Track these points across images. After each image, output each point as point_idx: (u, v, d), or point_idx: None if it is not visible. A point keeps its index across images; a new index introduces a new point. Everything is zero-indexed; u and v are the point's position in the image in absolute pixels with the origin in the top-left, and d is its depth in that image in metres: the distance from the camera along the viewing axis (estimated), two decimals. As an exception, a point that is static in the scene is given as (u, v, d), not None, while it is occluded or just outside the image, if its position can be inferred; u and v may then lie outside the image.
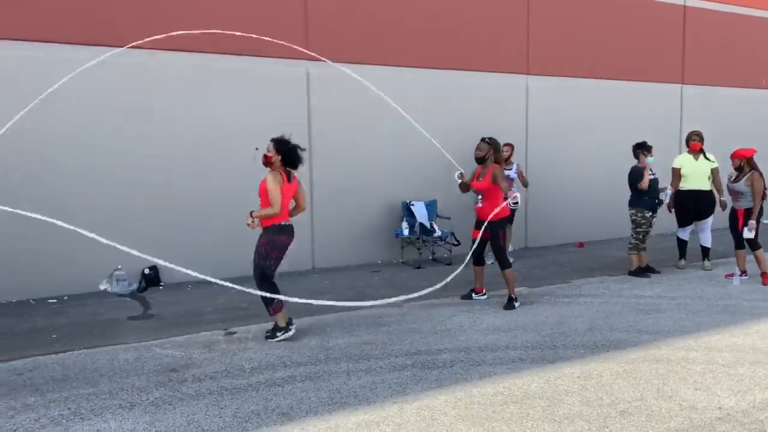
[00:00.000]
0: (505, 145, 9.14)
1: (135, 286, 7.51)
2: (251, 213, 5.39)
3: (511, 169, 9.04)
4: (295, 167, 5.55)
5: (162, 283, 7.77)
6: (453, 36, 9.59)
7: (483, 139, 6.71)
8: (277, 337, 5.54)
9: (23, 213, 4.35)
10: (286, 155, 5.47)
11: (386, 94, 9.16)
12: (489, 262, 7.40)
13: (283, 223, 5.51)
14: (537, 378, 4.60)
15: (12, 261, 7.00)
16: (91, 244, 7.37)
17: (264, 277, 5.47)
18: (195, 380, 4.60)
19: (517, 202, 6.77)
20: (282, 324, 5.57)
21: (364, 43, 8.91)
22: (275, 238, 5.47)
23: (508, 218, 6.65)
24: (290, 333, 5.58)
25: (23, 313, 6.59)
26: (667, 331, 5.73)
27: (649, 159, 8.03)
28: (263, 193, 5.46)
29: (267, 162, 5.47)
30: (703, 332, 5.71)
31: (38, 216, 4.29)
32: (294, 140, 5.55)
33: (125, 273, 7.47)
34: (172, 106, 7.76)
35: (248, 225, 5.39)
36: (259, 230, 5.52)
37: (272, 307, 5.52)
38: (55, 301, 7.06)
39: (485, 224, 6.41)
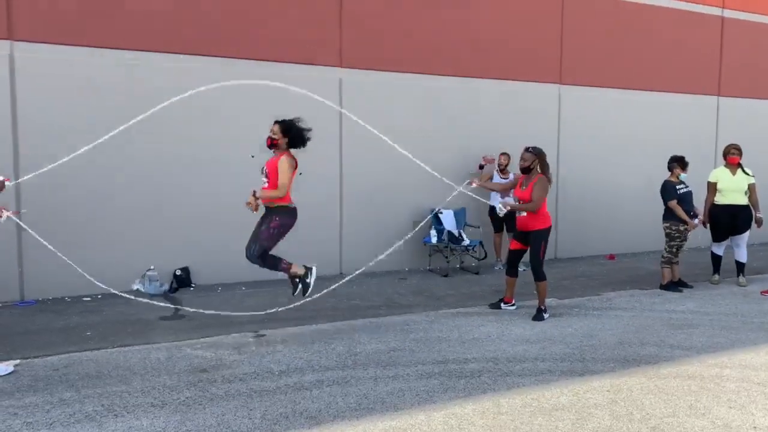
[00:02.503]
0: (501, 154, 9.14)
1: (166, 286, 7.63)
2: (254, 193, 5.37)
3: (507, 179, 9.08)
4: (304, 145, 5.56)
5: (193, 284, 7.88)
6: (485, 45, 9.59)
7: (527, 149, 6.63)
8: (307, 282, 5.59)
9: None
10: (294, 136, 5.48)
11: (417, 101, 9.24)
12: (522, 269, 7.33)
13: (293, 205, 5.54)
14: (566, 390, 4.56)
15: (49, 259, 7.17)
16: (125, 244, 7.57)
17: (264, 252, 5.47)
18: (225, 381, 4.66)
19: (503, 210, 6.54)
20: (302, 272, 5.61)
21: (400, 53, 8.96)
22: (288, 222, 5.51)
23: (549, 229, 6.58)
24: (314, 269, 5.66)
25: (59, 310, 6.76)
26: (699, 347, 5.62)
27: (682, 175, 7.94)
28: (273, 171, 5.42)
29: (272, 144, 5.49)
30: (737, 349, 5.59)
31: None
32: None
33: (157, 273, 7.61)
34: (204, 111, 7.89)
35: (248, 204, 5.36)
36: (253, 209, 5.51)
37: (284, 264, 5.55)
38: (89, 299, 7.22)
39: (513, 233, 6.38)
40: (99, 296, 7.32)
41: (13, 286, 7.07)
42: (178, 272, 7.77)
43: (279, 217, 5.47)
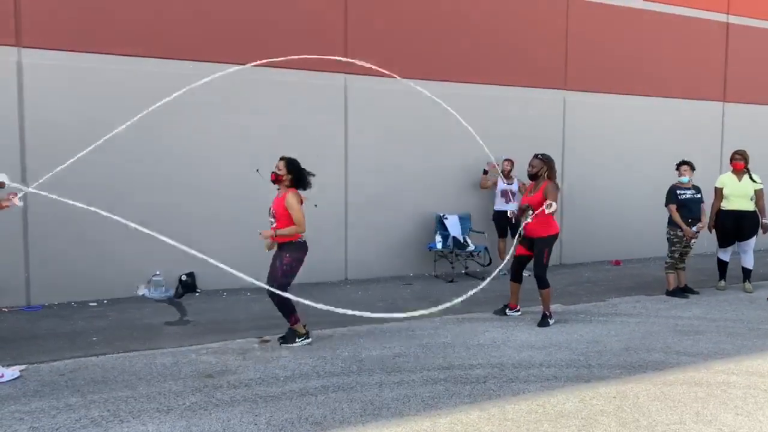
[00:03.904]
0: (505, 160, 9.16)
1: (172, 291, 7.65)
2: (275, 233, 5.48)
3: (512, 184, 9.10)
4: (304, 188, 5.65)
5: (198, 290, 7.90)
6: (490, 51, 9.61)
7: (536, 156, 6.62)
8: (296, 342, 5.64)
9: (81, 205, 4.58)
10: (297, 176, 5.58)
11: (424, 107, 9.25)
12: (526, 275, 7.33)
13: (303, 239, 5.64)
14: (572, 397, 4.54)
15: (55, 264, 7.21)
16: (131, 249, 7.59)
17: (283, 291, 5.56)
18: (230, 387, 4.66)
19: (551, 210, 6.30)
20: (302, 331, 5.70)
21: (404, 58, 8.97)
22: (300, 256, 5.62)
23: (556, 236, 6.56)
24: (309, 340, 5.71)
25: (65, 315, 6.78)
26: (706, 354, 5.60)
27: (683, 179, 7.90)
28: (281, 209, 5.52)
29: (277, 180, 5.57)
30: (743, 356, 5.56)
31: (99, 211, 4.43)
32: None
33: (163, 279, 7.63)
34: (211, 117, 7.93)
35: (264, 237, 5.53)
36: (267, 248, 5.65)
37: (293, 316, 5.64)
38: (95, 304, 7.24)
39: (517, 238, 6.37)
40: (105, 301, 7.34)
41: (19, 290, 7.10)
42: (184, 277, 7.79)
43: (289, 253, 5.57)
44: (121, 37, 7.39)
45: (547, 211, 6.23)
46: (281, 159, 5.64)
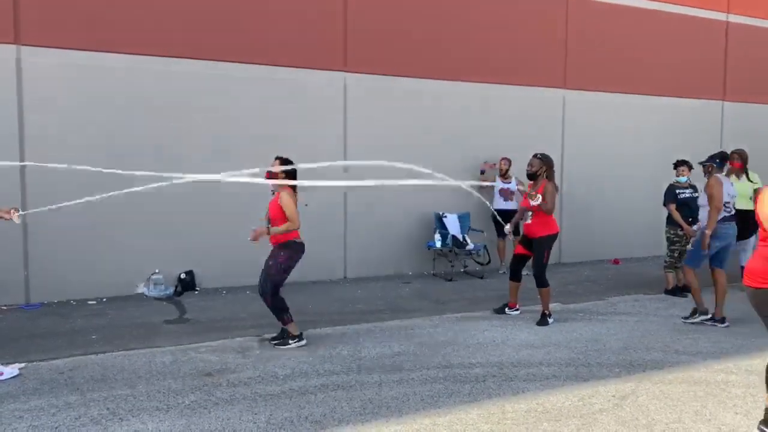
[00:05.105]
0: (502, 159, 9.16)
1: (171, 290, 7.65)
2: (268, 230, 5.47)
3: (510, 183, 9.10)
4: (294, 189, 5.63)
5: (198, 288, 7.90)
6: (490, 50, 9.61)
7: (535, 155, 6.62)
8: (289, 344, 5.61)
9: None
10: (290, 174, 5.56)
11: (422, 106, 9.26)
12: (525, 273, 7.32)
13: (300, 240, 5.64)
14: (571, 396, 4.55)
15: (54, 263, 7.20)
16: (130, 248, 7.59)
17: (276, 290, 5.56)
18: (229, 385, 4.66)
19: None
20: (295, 333, 5.66)
21: (404, 57, 8.97)
22: (297, 256, 5.62)
23: (555, 236, 6.57)
24: (303, 342, 5.66)
25: (64, 313, 6.77)
26: (705, 353, 5.61)
27: (681, 178, 7.90)
28: (275, 209, 5.53)
29: (271, 177, 5.55)
30: (743, 355, 5.57)
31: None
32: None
33: (162, 277, 7.63)
34: (210, 115, 7.92)
35: (256, 236, 5.44)
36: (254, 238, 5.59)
37: (287, 316, 5.62)
38: (94, 302, 7.24)
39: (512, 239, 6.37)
40: (104, 299, 7.34)
41: (18, 289, 7.09)
42: (183, 276, 7.78)
43: (284, 252, 5.56)
44: (121, 35, 7.38)
45: (532, 203, 6.34)
46: (276, 158, 5.66)
